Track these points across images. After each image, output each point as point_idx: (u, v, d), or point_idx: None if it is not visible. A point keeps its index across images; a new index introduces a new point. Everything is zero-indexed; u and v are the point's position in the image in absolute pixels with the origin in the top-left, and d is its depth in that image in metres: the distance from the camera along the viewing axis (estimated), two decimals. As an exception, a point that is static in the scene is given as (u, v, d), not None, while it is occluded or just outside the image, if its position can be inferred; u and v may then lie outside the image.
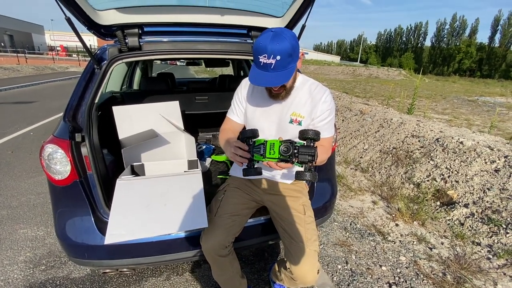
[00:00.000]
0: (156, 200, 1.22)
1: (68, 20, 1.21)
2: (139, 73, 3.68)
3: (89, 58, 1.44)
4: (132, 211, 1.16)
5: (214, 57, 1.65)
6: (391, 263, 1.89)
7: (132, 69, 3.48)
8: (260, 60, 0.98)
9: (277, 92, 1.14)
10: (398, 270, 1.82)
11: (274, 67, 0.98)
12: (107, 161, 1.56)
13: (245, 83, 1.31)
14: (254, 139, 1.02)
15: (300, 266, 1.13)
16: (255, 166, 1.02)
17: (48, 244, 1.99)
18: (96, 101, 1.37)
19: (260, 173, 1.01)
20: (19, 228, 2.16)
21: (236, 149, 1.03)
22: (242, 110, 1.31)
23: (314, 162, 0.92)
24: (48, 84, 12.10)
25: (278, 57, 0.96)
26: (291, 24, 1.64)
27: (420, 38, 75.48)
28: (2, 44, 33.57)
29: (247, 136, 1.01)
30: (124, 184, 1.27)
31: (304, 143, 0.95)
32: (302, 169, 0.95)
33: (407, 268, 1.84)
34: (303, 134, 0.94)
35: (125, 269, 1.44)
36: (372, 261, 1.91)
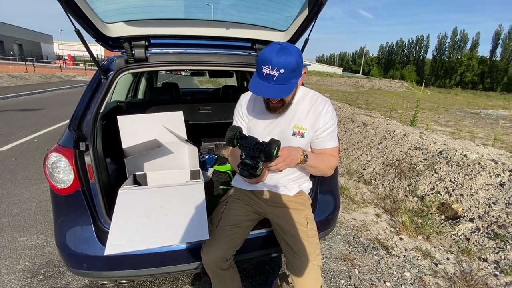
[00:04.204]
0: (157, 210, 1.21)
1: (78, 32, 1.24)
2: (144, 83, 3.74)
3: (96, 68, 1.47)
4: (133, 222, 1.16)
5: (218, 69, 1.68)
6: (395, 278, 1.84)
7: (138, 79, 3.54)
8: (264, 70, 0.99)
9: (275, 105, 1.14)
10: (403, 287, 1.77)
11: (276, 80, 0.99)
12: (109, 170, 1.56)
13: (244, 100, 1.32)
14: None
15: (303, 280, 1.10)
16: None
17: (47, 253, 1.97)
18: (101, 110, 1.39)
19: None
20: (19, 236, 2.15)
21: None
22: (245, 125, 1.32)
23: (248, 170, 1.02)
24: (54, 92, 12.31)
25: (282, 70, 0.97)
26: (295, 38, 1.66)
27: (422, 51, 76.20)
28: (12, 53, 34.37)
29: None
30: (126, 194, 1.27)
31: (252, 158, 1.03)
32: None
33: (412, 284, 1.80)
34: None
35: (124, 281, 1.41)
36: (376, 276, 1.86)
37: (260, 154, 1.01)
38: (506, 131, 7.58)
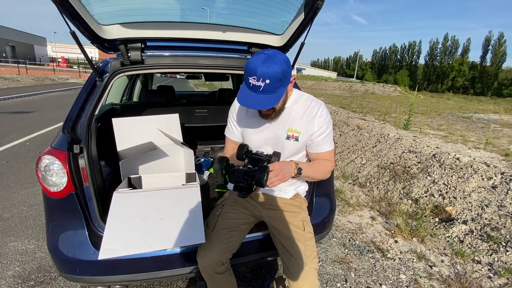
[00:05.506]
0: (152, 214, 1.20)
1: (73, 34, 1.23)
2: (139, 85, 3.72)
3: (91, 70, 1.46)
4: (128, 226, 1.14)
5: (214, 71, 1.68)
6: (391, 281, 1.85)
7: (133, 82, 3.52)
8: (250, 81, 0.99)
9: (267, 113, 1.15)
10: (399, 289, 1.78)
11: (263, 90, 0.99)
12: (104, 173, 1.54)
13: (238, 103, 1.32)
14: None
15: (299, 284, 1.10)
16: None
17: (38, 258, 1.92)
18: (96, 113, 1.37)
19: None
20: (10, 241, 2.10)
21: None
22: (239, 129, 1.32)
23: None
24: (47, 94, 12.14)
25: (267, 81, 0.97)
26: (291, 42, 1.68)
27: (414, 56, 77.65)
28: (4, 55, 33.89)
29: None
30: (120, 197, 1.25)
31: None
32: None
33: (407, 287, 1.80)
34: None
35: (117, 286, 1.39)
36: (372, 279, 1.86)
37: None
38: (497, 134, 7.74)
